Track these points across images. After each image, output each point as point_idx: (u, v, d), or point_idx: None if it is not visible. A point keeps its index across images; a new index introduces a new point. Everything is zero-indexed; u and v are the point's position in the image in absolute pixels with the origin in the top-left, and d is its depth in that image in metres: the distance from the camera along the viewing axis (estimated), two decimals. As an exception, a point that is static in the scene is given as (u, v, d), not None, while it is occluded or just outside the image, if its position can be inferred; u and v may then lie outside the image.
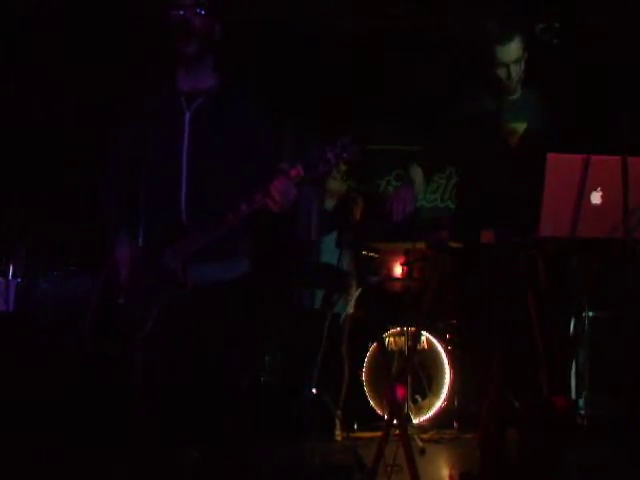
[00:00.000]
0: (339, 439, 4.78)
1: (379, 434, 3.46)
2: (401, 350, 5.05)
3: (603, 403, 4.55)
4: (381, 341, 4.94)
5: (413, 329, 4.95)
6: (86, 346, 2.78)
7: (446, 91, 5.24)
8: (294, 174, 2.57)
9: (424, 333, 5.08)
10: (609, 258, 3.21)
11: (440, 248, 3.44)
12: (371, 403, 5.12)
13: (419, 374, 5.00)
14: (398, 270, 5.53)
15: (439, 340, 5.12)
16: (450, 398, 5.03)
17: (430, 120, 3.57)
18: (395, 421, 3.38)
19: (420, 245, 4.92)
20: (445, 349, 5.09)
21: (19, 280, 4.99)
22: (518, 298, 3.23)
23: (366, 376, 5.16)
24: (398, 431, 3.31)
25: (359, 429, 4.96)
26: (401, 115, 6.21)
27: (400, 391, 4.38)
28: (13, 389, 4.29)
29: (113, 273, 2.73)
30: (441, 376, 5.04)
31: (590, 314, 4.72)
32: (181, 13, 2.65)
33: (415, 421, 4.92)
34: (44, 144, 5.50)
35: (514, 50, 3.25)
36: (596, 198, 2.86)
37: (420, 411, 4.99)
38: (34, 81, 5.41)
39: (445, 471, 4.19)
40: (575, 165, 2.84)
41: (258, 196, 2.58)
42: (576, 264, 3.33)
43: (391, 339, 5.19)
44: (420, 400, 5.02)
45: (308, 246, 5.11)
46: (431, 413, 5.00)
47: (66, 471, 3.62)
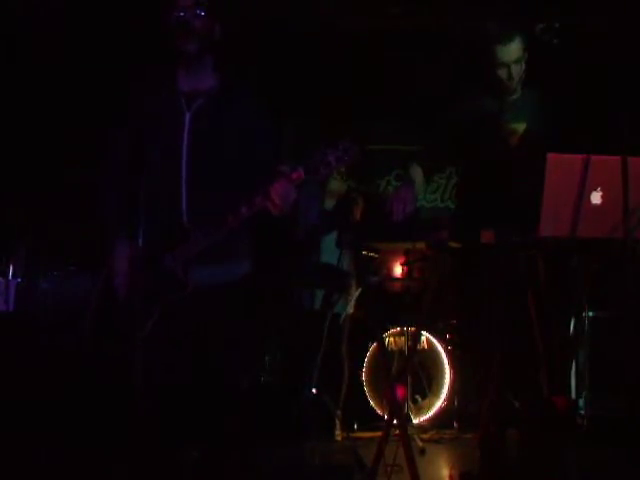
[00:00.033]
0: (339, 439, 4.78)
1: (379, 434, 3.46)
2: (401, 350, 5.05)
3: (603, 403, 4.54)
4: (381, 341, 4.94)
5: (413, 329, 4.95)
6: (86, 346, 2.78)
7: (446, 91, 5.25)
8: (295, 177, 2.57)
9: (424, 333, 5.09)
10: (609, 258, 3.21)
11: (440, 248, 3.44)
12: (371, 403, 5.12)
13: (419, 374, 5.01)
14: (398, 270, 5.53)
15: (439, 340, 5.13)
16: (450, 398, 5.03)
17: (430, 120, 3.57)
18: (395, 421, 3.38)
19: (420, 245, 4.93)
20: (445, 349, 5.09)
21: (19, 280, 4.98)
22: (518, 298, 3.24)
23: (366, 376, 5.16)
24: (398, 431, 3.31)
25: (359, 429, 4.96)
26: (401, 115, 6.21)
27: (400, 391, 4.38)
28: (13, 389, 4.29)
29: (112, 274, 2.73)
30: (441, 376, 5.05)
31: (590, 314, 4.72)
32: (181, 14, 2.65)
33: (415, 421, 4.92)
34: (44, 144, 5.50)
35: (515, 50, 3.25)
36: (596, 198, 2.86)
37: (420, 411, 5.00)
38: (34, 81, 5.41)
39: (445, 471, 4.19)
40: (575, 165, 2.84)
41: (258, 199, 2.58)
42: (576, 264, 3.33)
43: (391, 339, 5.19)
44: (420, 400, 5.02)
45: (308, 246, 5.11)
46: (431, 413, 5.00)
47: (66, 471, 3.62)
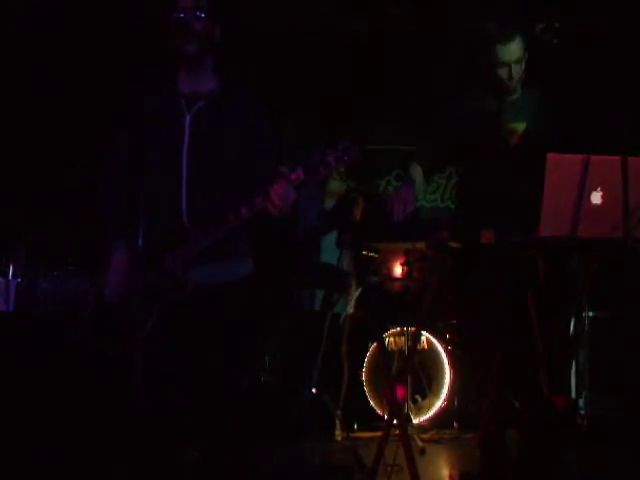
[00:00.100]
0: (339, 439, 4.78)
1: (379, 434, 3.46)
2: (401, 350, 5.05)
3: (603, 403, 4.54)
4: (381, 341, 4.94)
5: (413, 329, 4.95)
6: (86, 346, 2.78)
7: (446, 91, 5.25)
8: (294, 178, 2.57)
9: (424, 333, 5.08)
10: (609, 258, 3.21)
11: (440, 248, 3.44)
12: (371, 403, 5.12)
13: (419, 374, 5.00)
14: (398, 270, 5.53)
15: (439, 340, 5.12)
16: (450, 398, 5.03)
17: (430, 120, 3.57)
18: (395, 421, 3.38)
19: (420, 245, 4.93)
20: (445, 349, 5.09)
21: (19, 280, 4.98)
22: (518, 298, 3.24)
23: (366, 376, 5.16)
24: (398, 431, 3.31)
25: (359, 429, 4.96)
26: (401, 115, 6.21)
27: (400, 391, 4.38)
28: (13, 389, 4.29)
29: (105, 283, 2.74)
30: (441, 376, 5.04)
31: (590, 314, 4.72)
32: (181, 16, 2.65)
33: (415, 421, 4.92)
34: (44, 144, 5.50)
35: (515, 50, 3.24)
36: (596, 198, 2.86)
37: (420, 411, 4.99)
38: (34, 81, 5.41)
39: (445, 471, 4.20)
40: (575, 165, 2.84)
41: (258, 199, 2.58)
42: (576, 264, 3.33)
43: (391, 339, 5.19)
44: (420, 400, 5.02)
45: (308, 246, 5.11)
46: (431, 413, 5.00)
47: (66, 471, 3.62)
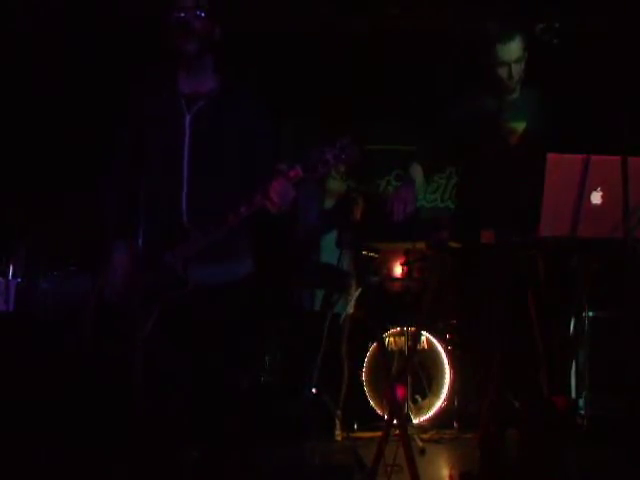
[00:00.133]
0: (339, 439, 4.78)
1: (379, 434, 3.46)
2: (401, 350, 5.05)
3: (603, 403, 4.54)
4: (381, 341, 4.94)
5: (413, 329, 4.95)
6: (86, 346, 2.78)
7: (446, 91, 5.25)
8: (293, 175, 2.57)
9: (424, 333, 5.08)
10: (609, 258, 3.21)
11: (440, 248, 3.44)
12: (371, 403, 5.12)
13: (419, 374, 5.00)
14: (398, 270, 5.53)
15: (439, 340, 5.12)
16: (450, 398, 5.03)
17: (430, 120, 3.57)
18: (395, 421, 3.38)
19: (420, 245, 4.93)
20: (445, 349, 5.09)
21: (19, 280, 4.98)
22: (518, 298, 3.24)
23: (366, 376, 5.16)
24: (398, 431, 3.31)
25: (359, 429, 4.96)
26: (401, 115, 6.21)
27: (400, 391, 4.38)
28: (13, 389, 4.29)
29: (105, 283, 2.74)
30: (441, 376, 5.04)
31: (590, 314, 4.72)
32: (181, 15, 2.65)
33: (415, 421, 4.92)
34: (44, 144, 5.50)
35: (515, 49, 3.24)
36: (596, 198, 2.86)
37: (420, 411, 4.99)
38: (34, 81, 5.41)
39: (445, 471, 4.19)
40: (575, 165, 2.84)
41: (257, 197, 2.58)
42: (576, 264, 3.33)
43: (391, 339, 5.19)
44: (420, 400, 5.02)
45: (308, 246, 5.11)
46: (431, 413, 5.00)
47: (66, 471, 3.62)
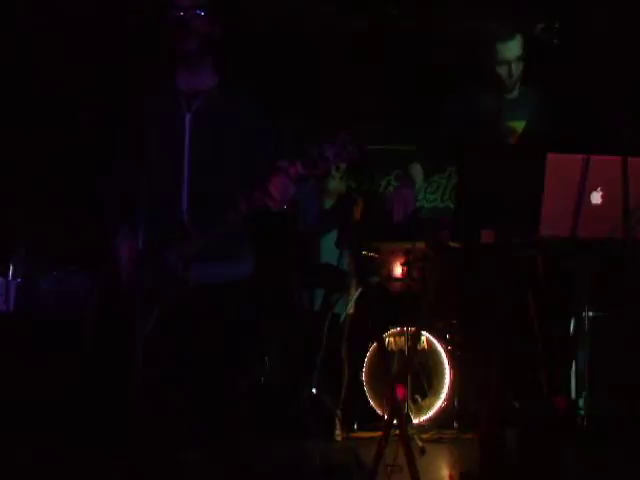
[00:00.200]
0: (339, 439, 4.78)
1: (379, 434, 3.45)
2: (401, 350, 5.05)
3: (603, 403, 4.54)
4: (381, 341, 4.94)
5: (413, 329, 4.95)
6: (86, 346, 2.78)
7: (446, 91, 5.24)
8: (293, 172, 2.57)
9: (424, 333, 5.08)
10: (609, 258, 3.21)
11: (440, 248, 3.44)
12: (371, 403, 5.12)
13: (419, 374, 5.00)
14: (398, 270, 5.52)
15: (439, 340, 5.12)
16: (450, 398, 5.03)
17: (430, 120, 3.57)
18: (395, 421, 3.38)
19: (420, 245, 4.93)
20: (445, 349, 5.09)
21: (19, 280, 4.98)
22: (518, 298, 3.23)
23: (366, 376, 5.16)
24: (398, 431, 3.31)
25: (359, 429, 4.96)
26: (401, 115, 6.20)
27: (400, 391, 4.37)
28: (13, 389, 4.29)
29: (113, 273, 2.72)
30: (441, 376, 5.04)
31: (590, 314, 4.72)
32: (181, 14, 2.65)
33: (415, 421, 4.92)
34: (44, 144, 5.49)
35: (516, 48, 3.24)
36: (596, 198, 2.85)
37: (420, 411, 4.99)
38: (34, 81, 5.41)
39: (445, 471, 4.19)
40: (575, 165, 2.84)
41: (257, 194, 2.58)
42: (576, 264, 3.33)
43: (391, 339, 5.19)
44: (420, 400, 5.02)
45: (308, 246, 5.10)
46: (431, 413, 4.99)
47: (66, 471, 3.62)
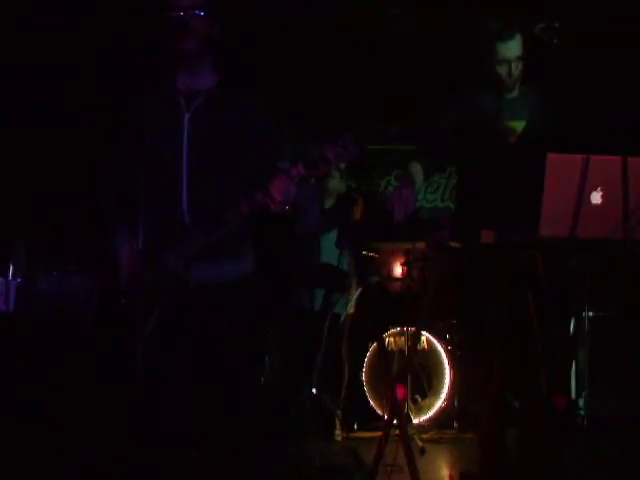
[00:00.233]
0: (339, 439, 4.78)
1: (379, 434, 3.46)
2: (401, 350, 5.05)
3: (603, 403, 4.54)
4: (381, 341, 4.94)
5: (413, 329, 4.95)
6: (86, 346, 2.78)
7: (446, 91, 5.24)
8: (294, 173, 2.57)
9: (424, 333, 5.08)
10: (609, 258, 3.21)
11: (440, 248, 3.44)
12: (371, 403, 5.12)
13: (419, 374, 5.01)
14: (398, 270, 5.53)
15: (439, 340, 5.12)
16: (450, 398, 5.03)
17: (430, 120, 3.57)
18: (395, 421, 3.38)
19: (420, 245, 4.93)
20: (445, 349, 5.09)
21: (19, 280, 4.98)
22: (518, 298, 3.23)
23: (366, 376, 5.16)
24: (398, 431, 3.31)
25: (359, 429, 4.97)
26: (401, 115, 6.20)
27: (400, 391, 4.37)
28: (13, 389, 4.29)
29: (113, 274, 2.72)
30: (441, 376, 5.04)
31: (590, 314, 4.72)
32: (180, 14, 2.65)
33: (415, 421, 4.92)
34: (44, 144, 5.50)
35: (516, 47, 3.24)
36: (596, 198, 2.85)
37: (420, 411, 4.99)
38: (34, 81, 5.41)
39: (445, 471, 4.19)
40: (575, 165, 2.84)
41: (259, 195, 2.58)
42: (576, 264, 3.33)
43: (391, 339, 5.19)
44: (420, 400, 5.02)
45: (308, 246, 5.10)
46: (431, 413, 5.00)
47: (66, 471, 3.62)
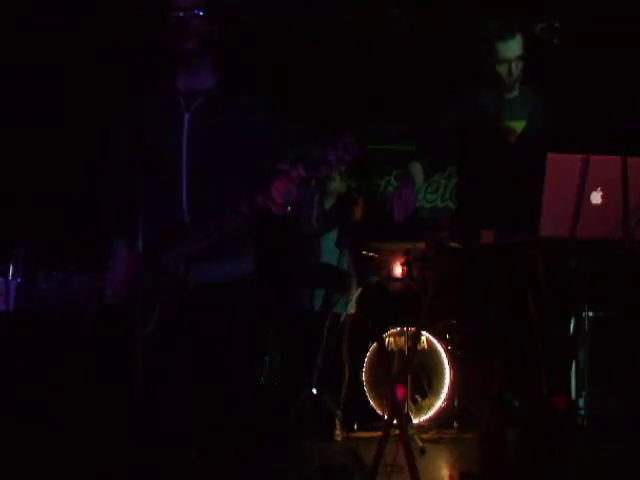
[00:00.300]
0: (339, 439, 4.78)
1: (379, 434, 3.46)
2: (401, 350, 5.05)
3: (603, 403, 4.54)
4: (381, 341, 4.94)
5: (413, 329, 4.95)
6: (86, 346, 2.78)
7: (446, 91, 5.25)
8: (295, 175, 2.57)
9: (424, 333, 5.09)
10: (609, 258, 3.21)
11: (440, 248, 3.44)
12: (371, 403, 5.12)
13: (419, 374, 5.01)
14: (398, 270, 5.53)
15: (439, 340, 5.12)
16: (450, 398, 5.03)
17: (430, 120, 3.57)
18: (395, 421, 3.38)
19: (420, 245, 4.93)
20: (445, 349, 5.09)
21: (19, 280, 4.98)
22: (518, 298, 3.24)
23: (366, 376, 5.16)
24: (398, 431, 3.31)
25: (359, 429, 4.97)
26: (401, 115, 6.21)
27: (400, 391, 4.38)
28: (13, 389, 4.29)
29: (105, 284, 2.73)
30: (441, 376, 5.05)
31: (590, 314, 4.72)
32: (180, 14, 2.65)
33: (415, 421, 4.92)
34: (44, 144, 5.50)
35: (516, 46, 3.24)
36: (596, 198, 2.85)
37: (420, 411, 4.99)
38: (34, 81, 5.41)
39: (445, 471, 4.19)
40: (575, 165, 2.84)
41: (259, 197, 2.58)
42: (576, 264, 3.33)
43: (391, 339, 5.19)
44: (420, 400, 5.02)
45: (308, 246, 5.11)
46: (431, 413, 5.00)
47: (66, 471, 3.62)
